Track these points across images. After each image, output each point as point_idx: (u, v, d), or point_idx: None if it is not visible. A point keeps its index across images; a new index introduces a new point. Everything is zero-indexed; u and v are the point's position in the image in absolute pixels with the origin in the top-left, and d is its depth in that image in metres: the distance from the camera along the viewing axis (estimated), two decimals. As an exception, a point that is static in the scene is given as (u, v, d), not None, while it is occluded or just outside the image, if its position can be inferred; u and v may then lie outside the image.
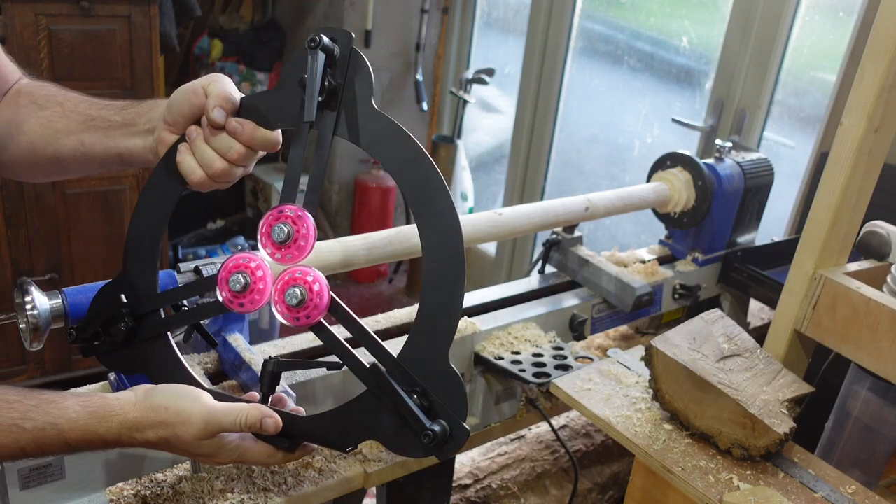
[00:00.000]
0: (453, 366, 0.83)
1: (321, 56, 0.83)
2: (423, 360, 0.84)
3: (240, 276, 0.87)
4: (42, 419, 0.78)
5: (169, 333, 0.93)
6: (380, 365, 0.86)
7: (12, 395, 0.79)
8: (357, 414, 0.88)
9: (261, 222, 0.87)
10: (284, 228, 0.85)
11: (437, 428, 0.82)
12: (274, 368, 0.90)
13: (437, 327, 0.83)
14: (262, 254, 0.88)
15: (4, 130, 1.02)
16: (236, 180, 0.92)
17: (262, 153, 0.91)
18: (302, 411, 0.90)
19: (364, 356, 0.88)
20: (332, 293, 0.86)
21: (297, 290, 0.84)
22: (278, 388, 0.93)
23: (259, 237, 0.87)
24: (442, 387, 0.84)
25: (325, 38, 0.83)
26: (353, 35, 0.85)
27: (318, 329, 0.88)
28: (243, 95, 0.89)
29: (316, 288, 0.85)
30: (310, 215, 0.86)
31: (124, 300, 0.92)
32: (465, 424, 0.83)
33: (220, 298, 0.88)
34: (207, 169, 0.87)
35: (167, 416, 0.82)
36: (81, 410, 0.80)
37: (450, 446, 0.84)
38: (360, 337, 0.87)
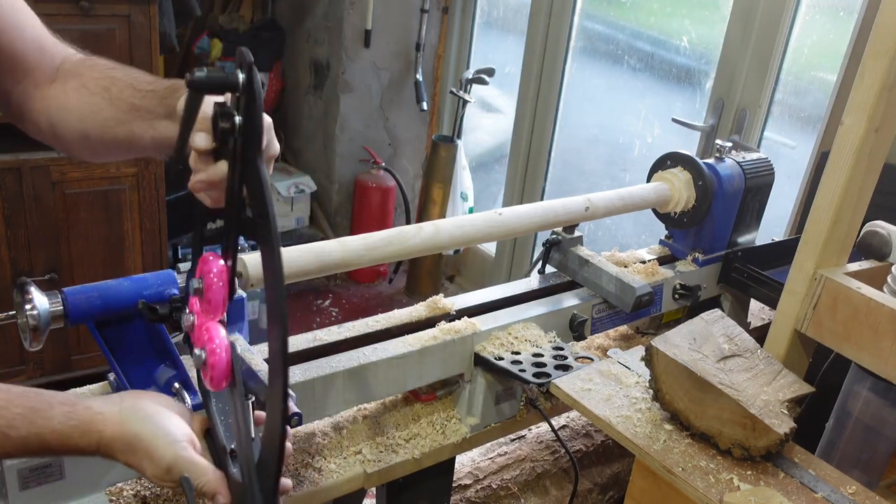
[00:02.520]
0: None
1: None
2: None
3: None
4: (26, 429, 0.80)
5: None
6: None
7: (0, 401, 0.80)
8: None
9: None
10: (195, 282, 0.85)
11: None
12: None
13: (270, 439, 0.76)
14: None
15: (58, 115, 1.04)
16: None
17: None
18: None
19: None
20: (234, 365, 0.84)
21: (200, 353, 0.84)
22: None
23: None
24: None
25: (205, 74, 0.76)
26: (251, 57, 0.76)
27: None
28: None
29: (217, 351, 0.83)
30: (220, 262, 0.84)
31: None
32: None
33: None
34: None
35: (139, 447, 0.84)
36: (65, 422, 0.82)
37: None
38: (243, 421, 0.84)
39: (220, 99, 0.82)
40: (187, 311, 0.90)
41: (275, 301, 0.74)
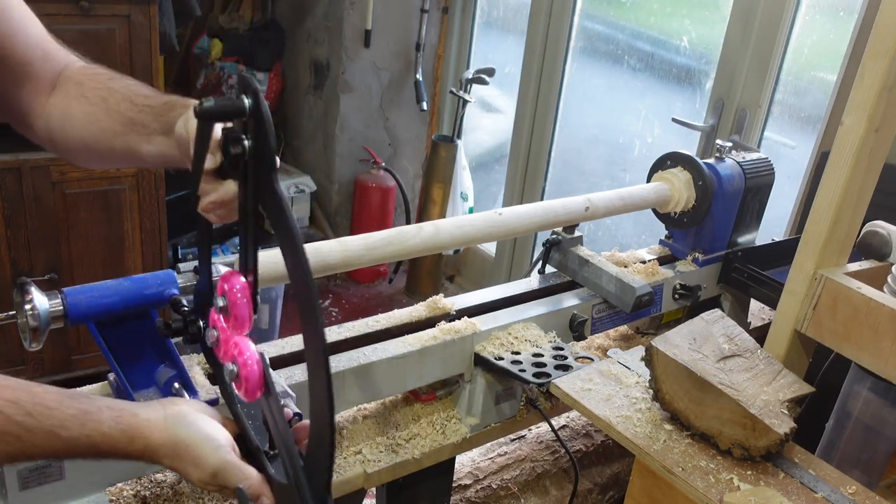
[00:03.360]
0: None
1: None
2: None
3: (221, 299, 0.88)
4: (78, 430, 0.81)
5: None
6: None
7: (52, 401, 0.81)
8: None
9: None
10: (219, 301, 0.88)
11: None
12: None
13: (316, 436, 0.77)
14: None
15: (58, 123, 1.04)
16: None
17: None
18: (306, 424, 0.89)
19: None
20: (266, 375, 0.86)
21: (232, 367, 0.87)
22: (278, 387, 0.93)
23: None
24: None
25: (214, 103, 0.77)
26: (259, 87, 0.79)
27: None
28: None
29: (248, 363, 0.85)
30: (241, 279, 0.86)
31: None
32: None
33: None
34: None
35: (184, 453, 0.86)
36: (115, 426, 0.83)
37: None
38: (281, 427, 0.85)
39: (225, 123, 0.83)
40: (210, 326, 0.94)
41: (308, 309, 0.74)
